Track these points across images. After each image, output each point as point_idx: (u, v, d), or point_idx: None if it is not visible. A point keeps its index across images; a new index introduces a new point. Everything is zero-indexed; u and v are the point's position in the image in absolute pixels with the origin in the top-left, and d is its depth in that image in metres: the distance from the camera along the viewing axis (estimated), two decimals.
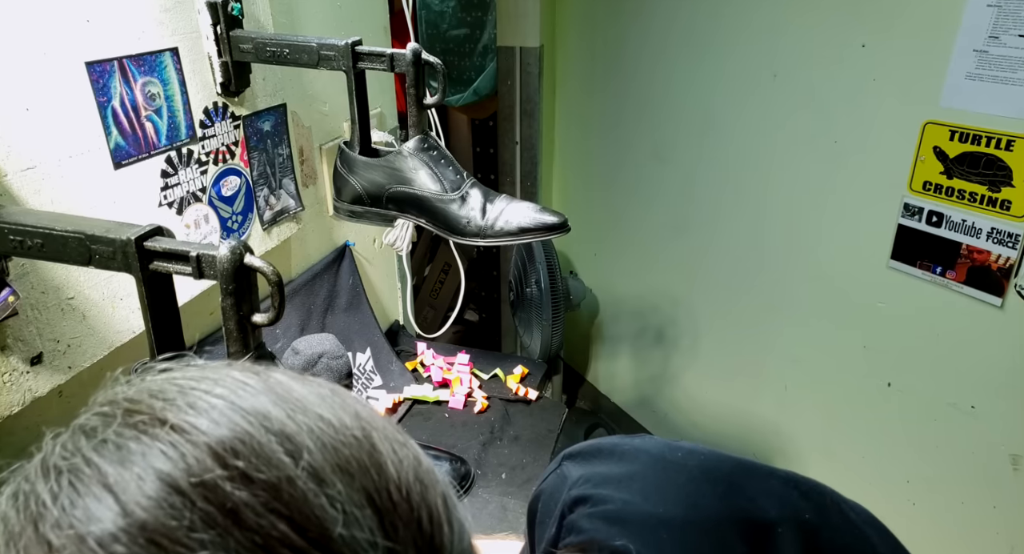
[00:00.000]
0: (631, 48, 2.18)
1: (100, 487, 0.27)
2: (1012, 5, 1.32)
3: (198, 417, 0.29)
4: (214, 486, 0.27)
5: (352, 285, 1.51)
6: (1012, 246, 1.40)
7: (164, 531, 0.26)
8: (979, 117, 1.40)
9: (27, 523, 0.28)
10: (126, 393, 0.31)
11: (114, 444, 0.28)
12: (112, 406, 0.30)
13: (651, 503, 0.48)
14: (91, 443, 0.29)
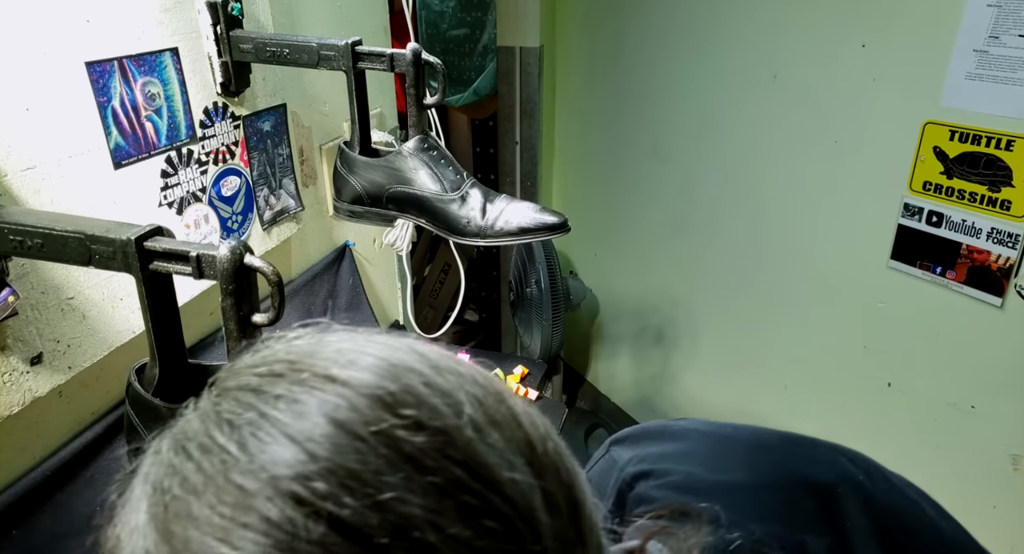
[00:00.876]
0: (631, 48, 2.18)
1: (284, 437, 0.28)
2: (1012, 5, 1.32)
3: (362, 372, 0.31)
4: (391, 433, 0.28)
5: (352, 285, 1.51)
6: (1012, 246, 1.40)
7: (354, 474, 0.27)
8: (979, 117, 1.40)
9: (216, 472, 0.28)
10: (277, 356, 0.33)
11: (286, 399, 0.30)
12: (270, 366, 0.32)
13: (715, 472, 0.50)
14: (263, 399, 0.30)
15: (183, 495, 0.29)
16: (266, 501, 0.27)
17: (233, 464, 0.28)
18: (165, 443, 0.32)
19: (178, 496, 0.29)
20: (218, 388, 0.33)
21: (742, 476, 0.49)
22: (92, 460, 0.91)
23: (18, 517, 0.82)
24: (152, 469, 0.31)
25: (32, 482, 0.84)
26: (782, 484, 0.49)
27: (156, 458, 0.32)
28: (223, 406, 0.31)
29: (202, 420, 0.31)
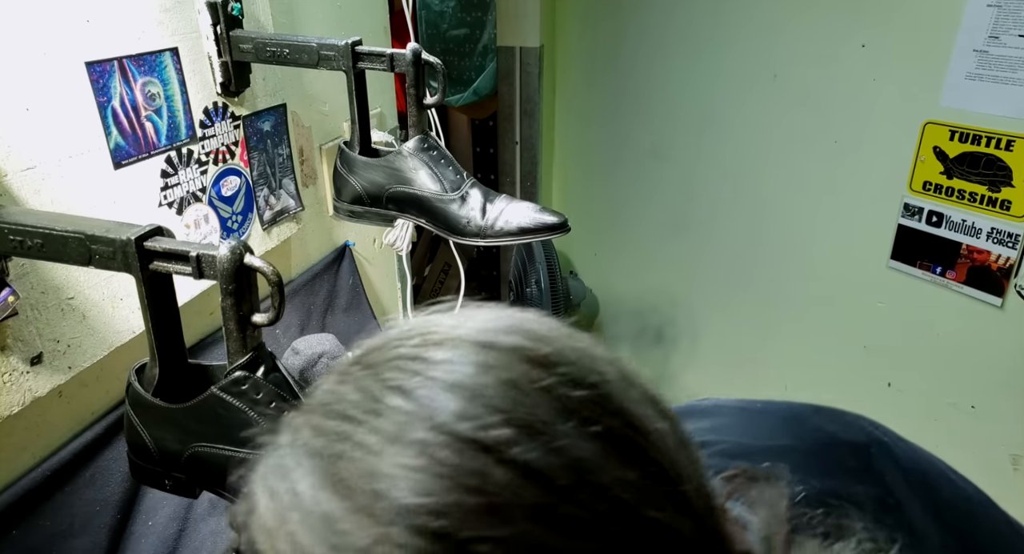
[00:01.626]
0: (631, 47, 2.18)
1: (457, 395, 0.31)
2: (1012, 5, 1.32)
3: (513, 337, 0.34)
4: (553, 389, 0.31)
5: (352, 285, 1.51)
6: (1012, 246, 1.40)
7: (529, 423, 0.30)
8: (979, 117, 1.40)
9: (396, 432, 0.30)
10: (429, 327, 0.35)
11: (451, 363, 0.32)
12: (424, 336, 0.34)
13: (761, 439, 0.53)
14: (427, 364, 0.32)
15: (361, 456, 0.30)
16: (452, 452, 0.29)
17: (411, 422, 0.30)
18: (313, 417, 0.33)
19: (355, 457, 0.30)
20: (364, 363, 0.34)
21: (787, 441, 0.52)
22: (92, 460, 0.91)
23: (18, 517, 0.82)
24: (308, 441, 0.32)
25: (32, 482, 0.84)
26: (825, 445, 0.53)
27: (306, 432, 0.33)
28: (386, 374, 0.33)
29: (362, 389, 0.33)
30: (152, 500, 0.99)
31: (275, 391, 0.59)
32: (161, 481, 0.64)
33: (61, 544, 0.87)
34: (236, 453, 0.59)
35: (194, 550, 1.04)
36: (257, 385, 0.58)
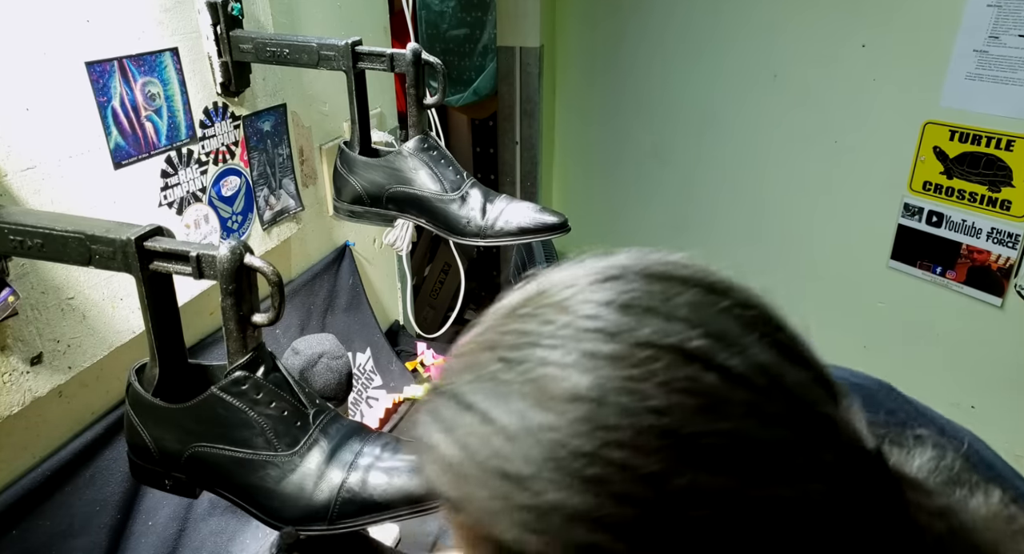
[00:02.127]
0: (631, 47, 2.18)
1: (659, 316, 0.35)
2: (1012, 5, 1.32)
3: (678, 269, 0.39)
4: (732, 310, 0.36)
5: (352, 285, 1.51)
6: (1012, 246, 1.40)
7: (723, 334, 0.34)
8: (979, 117, 1.40)
9: (601, 351, 0.34)
10: (597, 267, 0.39)
11: (627, 291, 0.36)
12: (601, 273, 0.38)
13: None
14: (603, 294, 0.36)
15: (566, 375, 0.34)
16: (664, 363, 0.33)
17: (617, 340, 0.34)
18: (492, 353, 0.36)
19: (559, 376, 0.34)
20: (539, 303, 0.37)
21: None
22: (92, 460, 0.91)
23: (18, 517, 0.82)
24: (495, 373, 0.36)
25: (32, 482, 0.84)
26: (866, 389, 0.56)
27: (492, 365, 0.36)
28: (572, 305, 0.36)
29: (550, 320, 0.36)
30: (152, 500, 0.99)
31: (275, 391, 0.59)
32: (161, 481, 0.64)
33: (61, 544, 0.87)
34: (236, 453, 0.59)
35: (194, 550, 1.04)
36: (257, 385, 0.58)
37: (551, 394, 0.33)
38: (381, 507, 0.58)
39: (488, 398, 0.35)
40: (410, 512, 0.58)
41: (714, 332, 0.34)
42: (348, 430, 0.62)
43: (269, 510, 0.60)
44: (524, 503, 0.33)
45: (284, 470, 0.58)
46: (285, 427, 0.59)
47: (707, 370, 0.33)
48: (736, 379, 0.33)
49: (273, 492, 0.59)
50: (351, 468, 0.59)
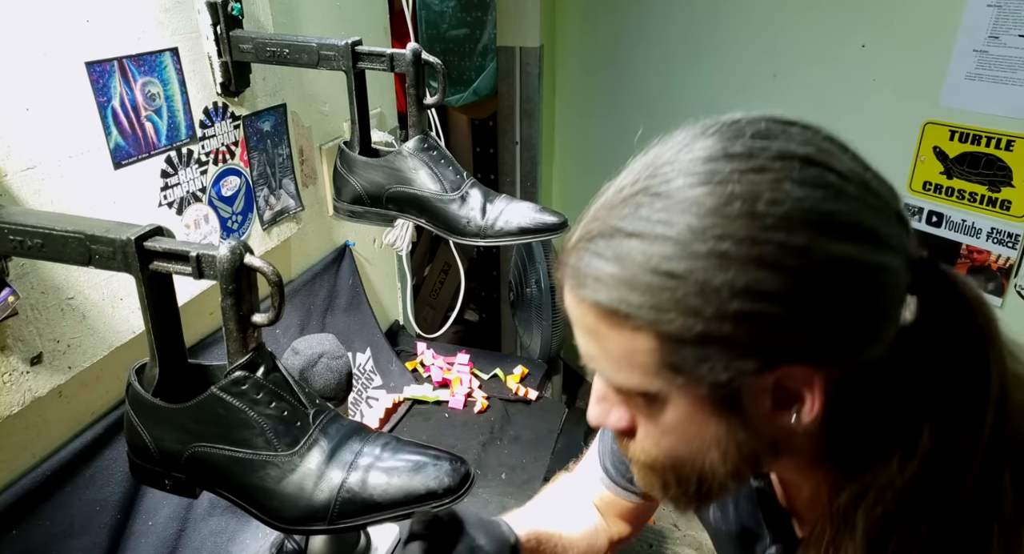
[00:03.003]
0: (631, 47, 2.18)
1: (798, 142, 0.45)
2: (1012, 5, 1.32)
3: (780, 117, 0.49)
4: (827, 138, 0.47)
5: (352, 285, 1.51)
6: (1012, 246, 1.40)
7: (826, 149, 0.45)
8: (979, 117, 1.40)
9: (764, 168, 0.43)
10: (750, 117, 0.49)
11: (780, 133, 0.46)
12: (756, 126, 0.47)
13: None
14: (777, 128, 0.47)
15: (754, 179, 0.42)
16: (797, 168, 0.42)
17: (747, 157, 0.43)
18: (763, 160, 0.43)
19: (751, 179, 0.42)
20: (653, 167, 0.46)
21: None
22: (92, 460, 0.91)
23: (18, 517, 0.82)
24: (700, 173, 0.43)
25: (32, 482, 0.84)
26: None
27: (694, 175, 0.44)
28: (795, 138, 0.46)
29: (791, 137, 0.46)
30: (152, 500, 0.99)
31: (275, 391, 0.59)
32: (161, 481, 0.64)
33: (61, 544, 0.87)
34: (236, 453, 0.59)
35: (194, 550, 1.04)
36: (257, 385, 0.58)
37: (707, 206, 0.41)
38: (381, 507, 0.58)
39: (644, 221, 0.43)
40: (410, 512, 0.58)
41: (824, 149, 0.44)
42: (348, 430, 0.62)
43: (269, 510, 0.60)
44: (691, 291, 0.41)
45: (284, 470, 0.58)
46: (285, 427, 0.59)
47: (827, 171, 0.42)
48: (847, 177, 0.43)
49: (273, 492, 0.59)
50: (351, 468, 0.59)
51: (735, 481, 0.50)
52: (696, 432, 0.47)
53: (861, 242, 0.41)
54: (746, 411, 0.45)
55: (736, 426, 0.46)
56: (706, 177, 0.42)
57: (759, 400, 0.45)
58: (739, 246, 0.40)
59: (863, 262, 0.41)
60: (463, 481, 0.59)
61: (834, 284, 0.41)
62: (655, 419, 0.49)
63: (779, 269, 0.40)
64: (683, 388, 0.45)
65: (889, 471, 0.45)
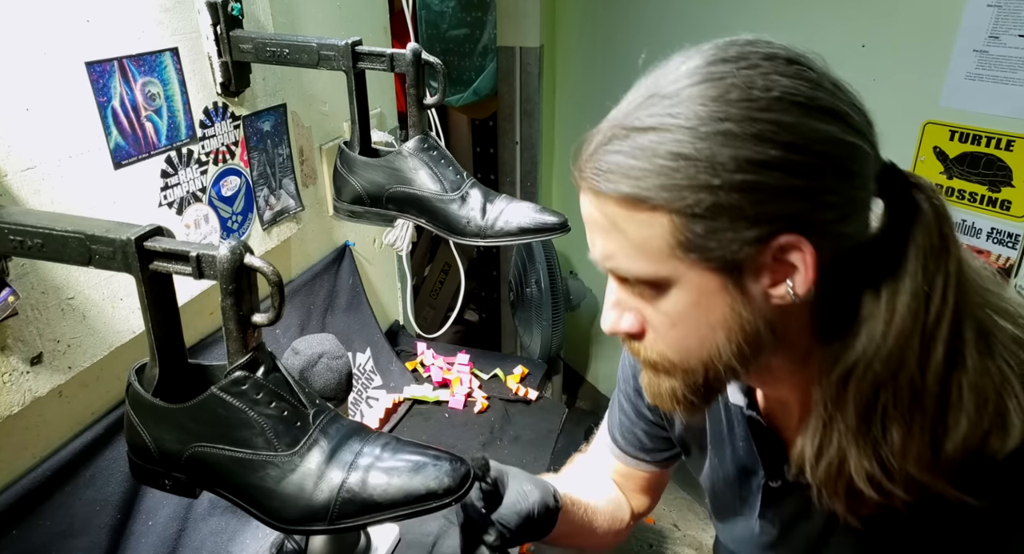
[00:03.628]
0: (631, 47, 2.18)
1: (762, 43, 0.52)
2: (1012, 5, 1.32)
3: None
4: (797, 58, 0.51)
5: (352, 285, 1.51)
6: (1012, 246, 1.40)
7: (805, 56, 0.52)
8: (979, 117, 1.40)
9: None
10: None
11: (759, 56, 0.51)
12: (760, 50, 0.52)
13: None
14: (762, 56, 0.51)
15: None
16: (783, 65, 0.49)
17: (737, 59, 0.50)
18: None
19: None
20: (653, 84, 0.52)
21: None
22: (92, 460, 0.91)
23: (18, 517, 0.82)
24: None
25: (32, 482, 0.84)
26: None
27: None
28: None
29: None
30: (152, 500, 0.99)
31: (275, 391, 0.59)
32: (161, 481, 0.64)
33: (61, 544, 0.87)
34: (236, 453, 0.59)
35: (194, 550, 1.04)
36: (257, 385, 0.58)
37: (709, 96, 0.48)
38: (381, 507, 0.58)
39: (654, 117, 0.49)
40: (410, 512, 0.58)
41: (802, 54, 0.51)
42: (348, 430, 0.62)
43: (269, 510, 0.59)
44: (701, 168, 0.47)
45: (284, 470, 0.58)
46: (285, 427, 0.59)
47: (807, 68, 0.50)
48: (822, 74, 0.50)
49: (273, 492, 0.59)
50: (351, 468, 0.59)
51: (739, 364, 0.55)
52: (703, 316, 0.53)
53: (839, 123, 0.49)
54: (748, 289, 0.51)
55: (740, 305, 0.52)
56: (706, 76, 0.49)
57: (760, 276, 0.51)
58: (740, 125, 0.47)
59: (841, 139, 0.49)
60: (463, 481, 0.59)
61: (819, 156, 0.48)
62: (665, 310, 0.54)
63: (775, 143, 0.47)
64: (693, 267, 0.51)
65: (874, 343, 0.51)
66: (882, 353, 0.51)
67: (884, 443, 0.52)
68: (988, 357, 0.52)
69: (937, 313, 0.50)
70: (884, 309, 0.51)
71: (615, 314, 0.58)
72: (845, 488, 0.54)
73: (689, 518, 2.35)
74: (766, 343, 0.54)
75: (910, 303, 0.50)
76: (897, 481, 0.52)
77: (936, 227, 0.52)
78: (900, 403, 0.51)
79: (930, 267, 0.50)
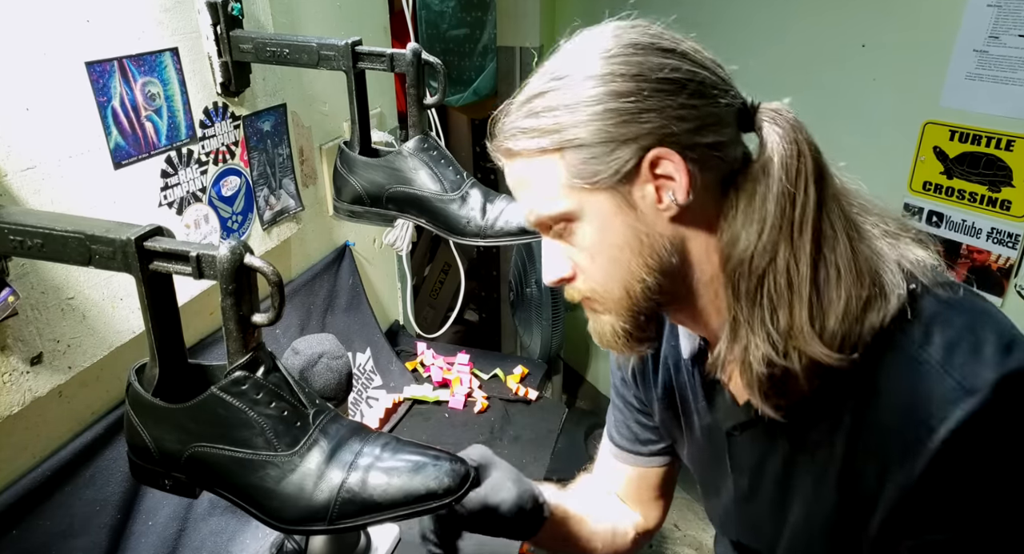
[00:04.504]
0: None
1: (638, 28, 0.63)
2: (1012, 5, 1.32)
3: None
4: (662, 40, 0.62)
5: (352, 285, 1.51)
6: (1012, 246, 1.40)
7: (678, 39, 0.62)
8: (979, 117, 1.40)
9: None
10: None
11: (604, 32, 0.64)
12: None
13: None
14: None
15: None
16: (632, 34, 0.62)
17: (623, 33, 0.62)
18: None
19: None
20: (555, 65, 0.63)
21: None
22: (92, 460, 0.91)
23: (18, 517, 0.82)
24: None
25: (32, 482, 0.84)
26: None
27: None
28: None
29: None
30: (152, 500, 0.99)
31: (275, 391, 0.59)
32: (161, 481, 0.64)
33: (61, 544, 0.87)
34: (236, 453, 0.59)
35: (194, 550, 1.04)
36: (257, 385, 0.58)
37: (590, 61, 0.60)
38: (381, 507, 0.58)
39: (544, 83, 0.61)
40: (410, 512, 0.58)
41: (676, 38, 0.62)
42: (348, 430, 0.62)
43: (269, 510, 0.59)
44: (581, 109, 0.58)
45: (284, 470, 0.58)
46: (285, 427, 0.59)
47: (651, 27, 0.63)
48: (676, 38, 0.62)
49: (273, 492, 0.59)
50: (351, 468, 0.59)
51: (658, 290, 0.62)
52: (611, 240, 0.61)
53: (680, 58, 0.59)
54: (638, 205, 0.60)
55: (637, 222, 0.60)
56: (578, 48, 0.62)
57: (644, 191, 0.60)
58: (599, 70, 0.59)
59: (683, 67, 0.59)
60: (463, 481, 0.59)
61: (665, 81, 0.58)
62: (582, 245, 0.63)
63: (625, 76, 0.58)
64: (589, 195, 0.60)
65: (752, 241, 0.59)
66: (759, 247, 0.58)
67: (772, 326, 0.59)
68: (859, 241, 0.60)
69: (802, 206, 0.58)
70: (757, 210, 0.59)
71: (550, 264, 0.66)
72: (756, 379, 0.60)
73: (689, 518, 2.35)
74: (675, 265, 0.62)
75: (778, 201, 0.58)
76: (792, 360, 0.58)
77: (793, 137, 0.60)
78: (779, 288, 0.58)
79: (791, 172, 0.58)
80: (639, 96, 0.58)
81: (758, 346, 0.59)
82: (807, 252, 0.58)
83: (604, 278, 0.63)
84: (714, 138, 0.59)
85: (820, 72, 1.68)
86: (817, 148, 0.62)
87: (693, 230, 0.62)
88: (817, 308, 0.58)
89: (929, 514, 0.58)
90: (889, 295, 0.59)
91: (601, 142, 0.58)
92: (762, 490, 0.73)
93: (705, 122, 0.59)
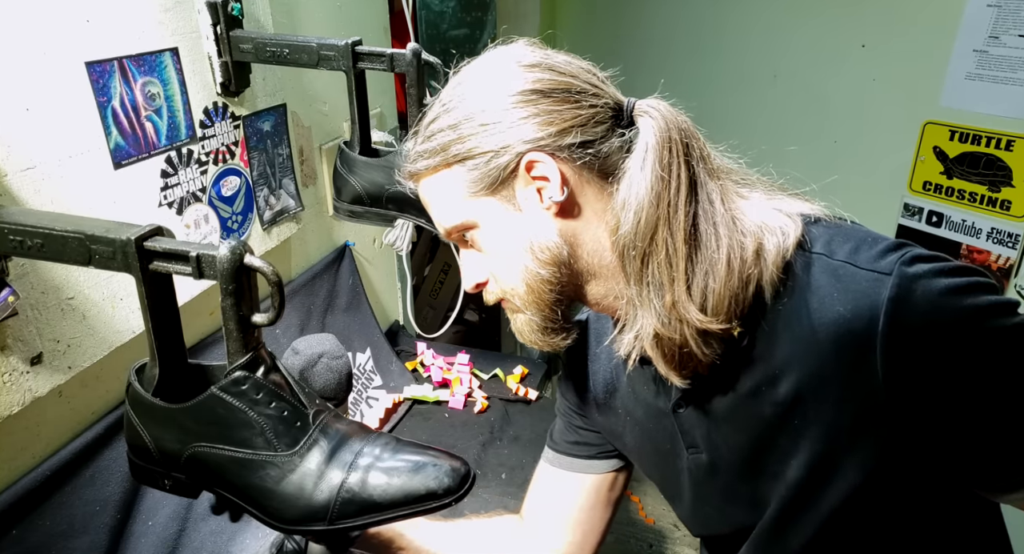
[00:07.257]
0: (630, 48, 2.18)
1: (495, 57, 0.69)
2: (1012, 5, 1.32)
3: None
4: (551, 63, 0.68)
5: (352, 285, 1.51)
6: (1012, 246, 1.40)
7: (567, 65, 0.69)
8: (979, 117, 1.40)
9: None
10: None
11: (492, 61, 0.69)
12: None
13: None
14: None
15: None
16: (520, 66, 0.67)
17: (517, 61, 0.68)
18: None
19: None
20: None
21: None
22: (92, 460, 0.91)
23: (18, 517, 0.82)
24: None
25: (32, 482, 0.84)
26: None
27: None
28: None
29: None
30: (152, 500, 0.99)
31: (275, 391, 0.59)
32: (161, 481, 0.64)
33: (61, 544, 0.87)
34: (236, 453, 0.59)
35: (194, 550, 1.04)
36: (257, 385, 0.58)
37: (460, 82, 0.67)
38: (381, 507, 0.58)
39: (437, 111, 0.67)
40: (410, 512, 0.58)
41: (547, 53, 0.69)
42: (348, 430, 0.62)
43: (269, 510, 0.60)
44: (465, 125, 0.65)
45: (284, 470, 0.58)
46: (285, 427, 0.59)
47: (547, 57, 0.68)
48: (563, 61, 0.68)
49: (273, 492, 0.59)
50: (351, 468, 0.59)
51: (558, 285, 0.66)
52: (506, 242, 0.66)
53: (542, 71, 0.65)
54: (522, 206, 0.65)
55: (524, 223, 0.65)
56: (463, 76, 0.68)
57: (527, 193, 0.65)
58: (472, 90, 0.65)
59: (545, 79, 0.64)
60: (463, 481, 0.59)
61: (530, 93, 0.63)
62: (487, 249, 0.68)
63: (498, 93, 0.64)
64: (480, 202, 0.66)
65: (631, 225, 0.62)
66: (639, 229, 0.62)
67: (659, 301, 0.62)
68: (742, 209, 0.65)
69: (676, 189, 0.62)
70: (634, 196, 0.62)
71: (467, 272, 0.72)
72: (660, 354, 0.64)
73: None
74: (567, 257, 0.66)
75: (652, 185, 0.62)
76: (678, 331, 0.62)
77: (663, 126, 0.63)
78: (660, 265, 0.62)
79: (663, 158, 0.62)
80: (506, 108, 0.64)
81: (649, 322, 0.63)
82: (682, 228, 0.62)
83: (508, 277, 0.68)
84: (583, 137, 0.64)
85: (820, 72, 1.68)
86: (690, 133, 0.66)
87: (582, 222, 0.66)
88: (697, 279, 0.62)
89: (930, 397, 0.57)
90: (786, 233, 0.63)
91: (480, 153, 0.64)
92: (723, 459, 0.72)
93: (573, 124, 0.64)
